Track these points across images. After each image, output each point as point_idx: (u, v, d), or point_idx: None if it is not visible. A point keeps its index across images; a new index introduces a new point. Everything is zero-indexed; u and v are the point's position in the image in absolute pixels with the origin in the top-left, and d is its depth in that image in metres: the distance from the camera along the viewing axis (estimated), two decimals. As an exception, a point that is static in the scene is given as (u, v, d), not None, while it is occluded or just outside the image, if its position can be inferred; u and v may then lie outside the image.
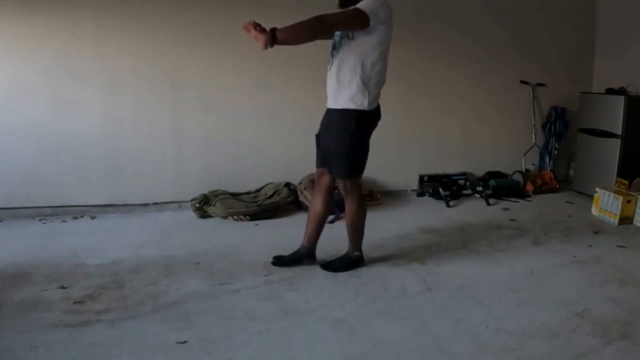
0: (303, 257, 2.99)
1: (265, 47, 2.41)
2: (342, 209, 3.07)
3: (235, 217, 3.89)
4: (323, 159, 2.87)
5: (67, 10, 3.74)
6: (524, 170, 4.82)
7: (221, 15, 4.02)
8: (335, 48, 2.72)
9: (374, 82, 2.67)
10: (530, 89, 4.85)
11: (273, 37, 2.40)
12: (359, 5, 2.55)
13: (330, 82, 2.74)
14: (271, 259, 3.03)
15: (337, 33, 2.70)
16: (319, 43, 2.60)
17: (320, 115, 2.80)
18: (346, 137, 2.71)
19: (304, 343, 2.20)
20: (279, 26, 2.42)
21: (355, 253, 2.97)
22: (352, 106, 2.66)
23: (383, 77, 2.72)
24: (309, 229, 2.98)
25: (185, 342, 2.19)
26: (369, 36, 2.58)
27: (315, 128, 2.89)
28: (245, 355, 2.11)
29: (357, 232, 2.95)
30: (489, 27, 4.66)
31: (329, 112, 2.78)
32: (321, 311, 2.48)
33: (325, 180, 2.89)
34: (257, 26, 2.43)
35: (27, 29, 3.69)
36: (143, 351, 2.13)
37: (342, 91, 2.66)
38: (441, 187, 4.48)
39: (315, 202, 2.95)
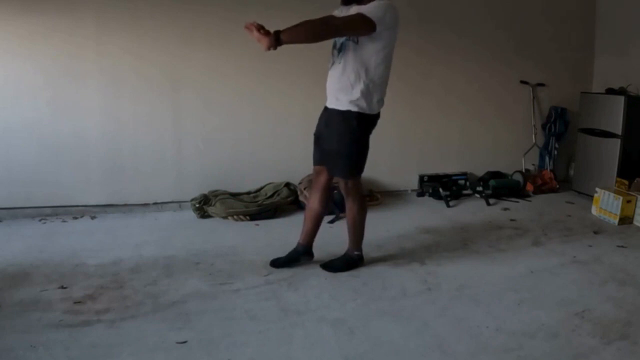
0: (300, 255, 2.99)
1: (269, 49, 2.40)
2: (342, 209, 3.08)
3: (235, 217, 3.89)
4: (322, 158, 2.87)
5: (67, 10, 3.74)
6: (524, 170, 4.82)
7: (221, 15, 4.02)
8: (337, 49, 2.70)
9: (377, 84, 2.67)
10: (530, 89, 4.85)
11: (277, 39, 2.38)
12: (365, 11, 2.50)
13: (331, 81, 2.73)
14: (271, 259, 3.01)
15: (337, 45, 2.70)
16: (320, 43, 2.60)
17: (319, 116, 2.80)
18: (348, 138, 2.71)
19: (304, 343, 2.20)
20: (281, 27, 2.41)
21: (356, 252, 2.97)
22: (354, 109, 2.66)
23: (386, 79, 2.73)
24: (305, 227, 2.98)
25: (185, 342, 2.19)
26: (374, 41, 2.57)
27: (314, 127, 2.89)
28: (245, 355, 2.11)
29: (357, 231, 2.95)
30: (489, 27, 4.66)
31: (330, 111, 2.77)
32: (321, 311, 2.48)
33: (323, 178, 2.88)
34: (261, 28, 2.40)
35: (27, 29, 3.69)
36: (143, 351, 2.13)
37: (345, 94, 2.66)
38: (441, 187, 4.48)
39: (312, 200, 2.96)
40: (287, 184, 4.15)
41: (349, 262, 2.96)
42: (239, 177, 4.22)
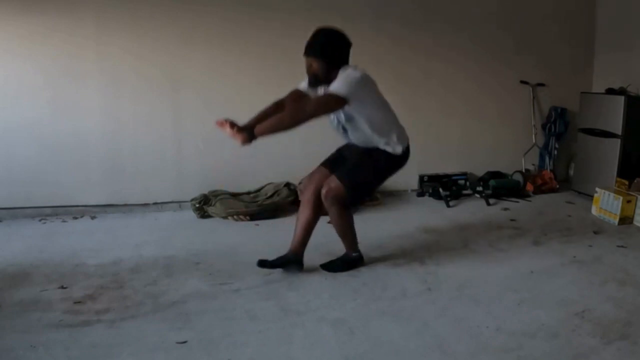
0: (289, 262, 2.85)
1: (244, 144, 2.57)
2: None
3: (235, 217, 3.89)
4: (335, 163, 2.88)
5: (67, 10, 3.75)
6: (524, 170, 4.82)
7: (221, 15, 4.02)
8: (338, 127, 2.79)
9: (387, 126, 2.79)
10: (530, 89, 4.84)
11: (251, 136, 2.53)
12: (333, 89, 2.57)
13: (356, 143, 2.84)
14: (262, 260, 2.86)
15: (335, 123, 2.79)
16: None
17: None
18: (370, 160, 2.79)
19: (304, 343, 2.20)
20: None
21: (353, 254, 2.97)
22: (387, 149, 2.79)
23: (392, 117, 2.85)
24: (296, 234, 2.87)
25: (185, 342, 2.19)
26: (361, 106, 2.65)
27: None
28: (245, 355, 2.11)
29: (346, 236, 2.93)
30: (489, 27, 4.66)
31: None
32: (321, 311, 2.48)
33: (321, 182, 2.81)
34: (233, 126, 2.52)
35: (27, 29, 3.70)
36: (143, 351, 2.13)
37: (374, 146, 2.79)
38: (441, 187, 4.48)
39: (304, 207, 2.86)
40: (287, 184, 4.15)
41: (348, 262, 2.96)
42: (239, 177, 4.22)
